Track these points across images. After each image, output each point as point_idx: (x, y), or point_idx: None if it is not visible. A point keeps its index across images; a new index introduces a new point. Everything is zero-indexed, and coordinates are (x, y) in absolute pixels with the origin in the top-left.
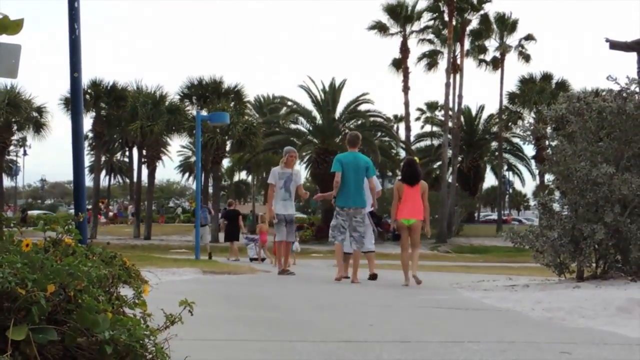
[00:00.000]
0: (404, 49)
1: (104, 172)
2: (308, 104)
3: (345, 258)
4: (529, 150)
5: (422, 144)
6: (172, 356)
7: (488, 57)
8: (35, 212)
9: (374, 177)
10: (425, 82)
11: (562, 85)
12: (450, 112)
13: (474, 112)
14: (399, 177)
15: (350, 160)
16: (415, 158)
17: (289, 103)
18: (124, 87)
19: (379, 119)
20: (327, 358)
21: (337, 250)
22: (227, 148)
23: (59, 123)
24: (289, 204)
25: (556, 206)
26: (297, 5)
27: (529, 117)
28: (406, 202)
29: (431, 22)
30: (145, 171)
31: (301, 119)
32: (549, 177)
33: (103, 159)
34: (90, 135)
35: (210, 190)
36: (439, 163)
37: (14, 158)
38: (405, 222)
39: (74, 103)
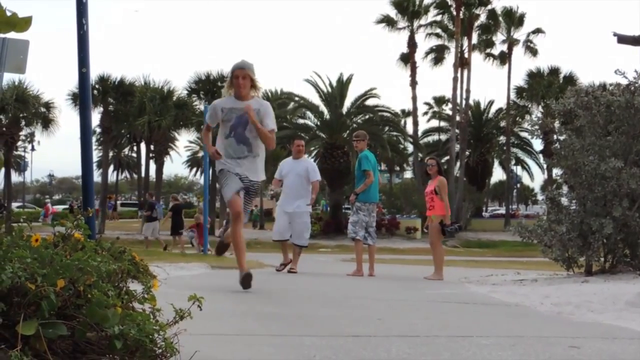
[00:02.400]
0: (412, 44)
1: (111, 168)
2: (316, 99)
3: (283, 246)
4: (537, 144)
5: (430, 138)
6: (181, 351)
7: (496, 51)
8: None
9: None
10: (433, 77)
11: (570, 79)
12: (457, 107)
13: (482, 107)
14: (434, 174)
15: (372, 157)
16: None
17: (297, 98)
18: (131, 82)
19: (386, 114)
20: (336, 352)
21: (359, 248)
22: None
23: (67, 118)
24: (246, 163)
25: (564, 200)
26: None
27: (537, 112)
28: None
29: (438, 17)
30: (153, 166)
31: (309, 113)
32: (557, 172)
33: (111, 154)
34: (98, 130)
35: (218, 185)
36: (446, 158)
37: (22, 153)
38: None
39: (82, 98)
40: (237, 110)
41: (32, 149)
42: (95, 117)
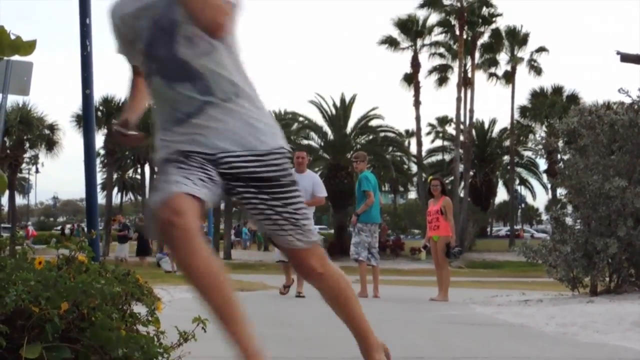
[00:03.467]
0: (415, 64)
1: (116, 189)
2: (319, 120)
3: (285, 267)
4: (541, 164)
5: (434, 158)
6: None
7: (499, 70)
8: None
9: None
10: (436, 97)
11: (574, 98)
12: (461, 127)
13: (485, 126)
14: (437, 194)
15: (373, 178)
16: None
17: (301, 119)
18: None
19: (390, 134)
20: None
21: (362, 269)
22: None
23: (71, 140)
24: (209, 121)
25: (569, 220)
26: (307, 20)
27: (540, 131)
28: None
29: (442, 37)
30: None
31: (313, 134)
32: (561, 191)
33: (115, 176)
34: (102, 152)
35: (222, 206)
36: (450, 178)
37: (26, 176)
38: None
39: (85, 120)
40: (149, 9)
41: (37, 171)
42: (99, 138)
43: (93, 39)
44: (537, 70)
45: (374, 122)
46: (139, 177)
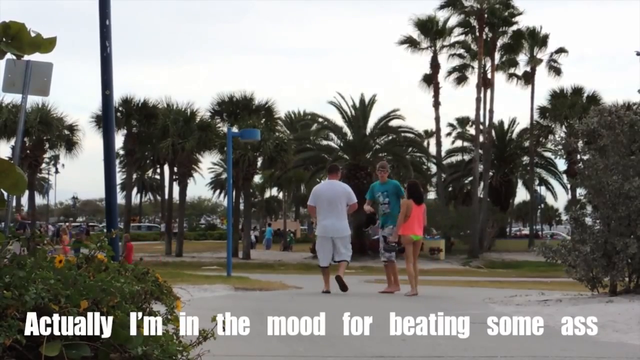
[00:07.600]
0: (435, 64)
1: (135, 190)
2: (339, 120)
3: (325, 272)
4: (561, 164)
5: (453, 159)
6: None
7: (519, 71)
8: None
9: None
10: (456, 97)
11: (593, 99)
12: (481, 127)
13: (505, 127)
14: (406, 196)
15: (375, 186)
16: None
17: (320, 119)
18: (154, 104)
19: (410, 135)
20: None
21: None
22: (258, 165)
23: (91, 141)
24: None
25: (588, 220)
26: (326, 21)
27: (560, 131)
28: (413, 219)
29: (461, 37)
30: (176, 188)
31: (332, 135)
32: (580, 191)
33: (134, 176)
34: (122, 152)
35: (242, 206)
36: (470, 178)
37: (46, 176)
38: (414, 237)
39: (105, 121)
40: None
41: (56, 171)
42: (119, 139)
43: (113, 40)
44: (556, 71)
45: (393, 123)
46: (158, 177)
